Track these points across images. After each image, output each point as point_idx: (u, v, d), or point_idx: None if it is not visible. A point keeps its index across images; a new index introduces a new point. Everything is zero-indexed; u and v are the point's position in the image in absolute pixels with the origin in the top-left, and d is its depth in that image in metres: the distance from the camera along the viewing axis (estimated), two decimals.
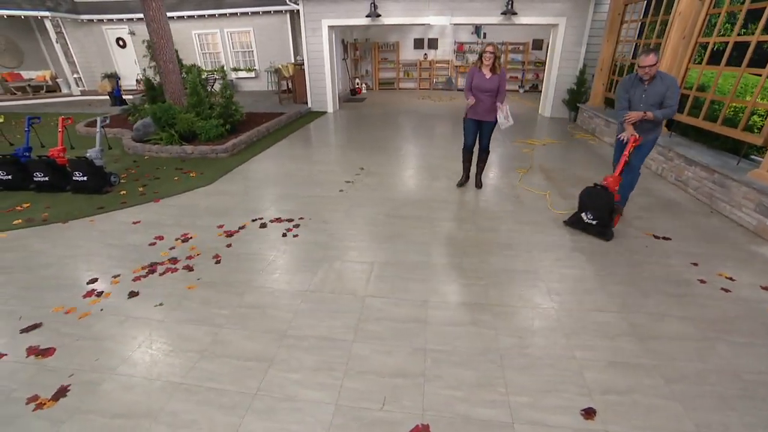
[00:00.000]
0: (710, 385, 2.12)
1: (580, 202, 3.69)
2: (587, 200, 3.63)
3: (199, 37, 13.00)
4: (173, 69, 6.39)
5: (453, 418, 1.91)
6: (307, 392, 2.07)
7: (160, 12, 6.11)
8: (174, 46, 6.51)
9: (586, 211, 3.63)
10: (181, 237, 3.68)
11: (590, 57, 8.45)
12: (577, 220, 3.73)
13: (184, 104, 6.57)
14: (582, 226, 3.69)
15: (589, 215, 3.61)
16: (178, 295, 2.84)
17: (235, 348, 2.37)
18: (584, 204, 3.65)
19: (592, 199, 3.60)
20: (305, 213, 4.16)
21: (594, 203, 3.59)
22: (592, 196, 3.60)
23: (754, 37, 4.14)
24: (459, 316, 2.61)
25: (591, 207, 3.61)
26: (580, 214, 3.68)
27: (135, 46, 13.12)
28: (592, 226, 3.62)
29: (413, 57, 13.76)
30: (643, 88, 3.64)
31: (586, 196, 3.64)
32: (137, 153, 6.22)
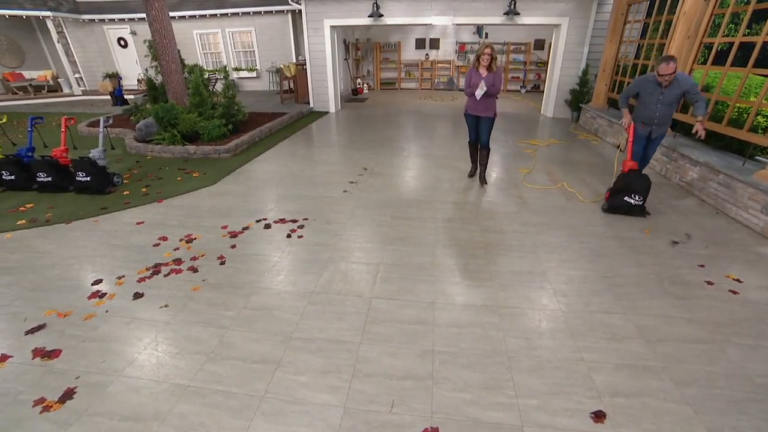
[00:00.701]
0: (720, 388, 2.11)
1: (625, 186, 3.96)
2: (636, 183, 3.92)
3: (201, 36, 12.98)
4: (176, 69, 6.38)
5: (462, 421, 1.90)
6: (315, 395, 2.06)
7: (163, 12, 6.10)
8: (176, 46, 6.50)
9: (634, 194, 3.93)
10: (185, 238, 3.67)
11: (593, 57, 8.44)
12: (618, 204, 4.03)
13: (187, 104, 6.55)
14: (625, 209, 4.01)
15: (637, 197, 3.92)
16: (183, 297, 2.83)
17: (242, 350, 2.36)
18: (631, 186, 3.93)
19: (635, 182, 3.92)
20: (309, 214, 4.15)
21: (642, 185, 3.91)
22: (633, 179, 3.94)
23: (759, 37, 4.13)
24: (466, 317, 2.60)
25: (639, 189, 3.91)
26: (624, 197, 3.97)
27: (136, 46, 13.11)
28: (637, 207, 3.97)
29: (415, 57, 13.75)
30: (661, 91, 3.84)
31: (634, 179, 3.93)
32: (140, 153, 6.21)
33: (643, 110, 4.06)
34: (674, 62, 3.65)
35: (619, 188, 4.00)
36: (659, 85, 3.81)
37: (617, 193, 4.02)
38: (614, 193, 4.04)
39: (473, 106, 4.61)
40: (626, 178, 3.96)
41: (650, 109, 3.99)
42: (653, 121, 4.03)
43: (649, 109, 4.00)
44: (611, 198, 4.08)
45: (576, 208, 4.29)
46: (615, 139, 6.85)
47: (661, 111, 3.94)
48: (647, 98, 3.96)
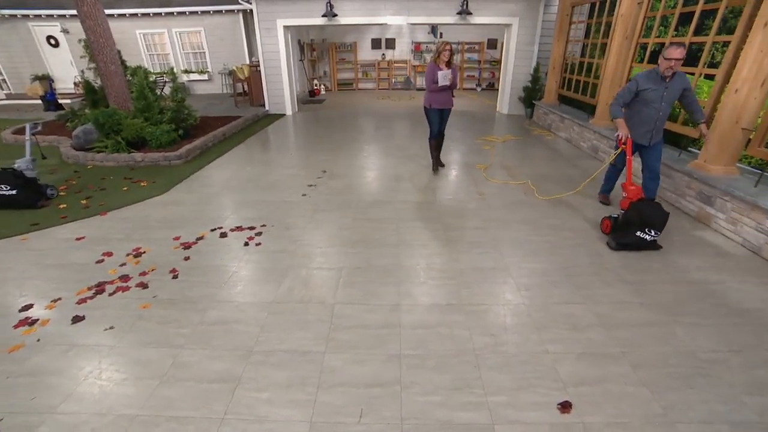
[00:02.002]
0: (672, 367, 2.22)
1: (640, 219, 3.28)
2: (652, 216, 3.27)
3: (145, 37, 12.21)
4: (116, 71, 5.93)
5: (433, 425, 1.86)
6: (279, 411, 1.95)
7: (96, 8, 5.61)
8: (115, 45, 6.05)
9: (648, 228, 3.28)
10: (132, 252, 3.41)
11: (543, 56, 8.77)
12: (630, 241, 3.35)
13: (131, 109, 6.12)
14: (638, 245, 3.35)
15: (652, 232, 3.29)
16: (131, 316, 2.61)
17: (198, 369, 2.20)
18: (647, 219, 3.28)
19: (656, 214, 3.27)
20: (267, 220, 3.99)
21: (660, 218, 3.27)
22: (654, 210, 3.28)
23: (686, 38, 4.44)
24: (432, 318, 2.57)
25: (657, 223, 3.28)
26: (637, 232, 3.30)
27: (70, 46, 12.03)
28: (651, 242, 3.34)
29: (371, 57, 13.72)
30: (665, 86, 3.44)
31: (649, 211, 3.28)
32: (78, 162, 5.73)
33: (645, 109, 3.56)
34: (684, 48, 3.26)
35: (630, 221, 3.32)
36: (663, 78, 3.43)
37: (627, 227, 3.34)
38: (623, 227, 3.38)
39: (440, 99, 4.88)
40: (638, 209, 3.29)
41: (653, 109, 3.53)
42: (655, 123, 3.57)
43: (651, 109, 3.54)
44: (619, 233, 3.42)
45: (533, 202, 4.41)
46: (567, 133, 7.15)
47: (665, 110, 3.53)
48: (650, 96, 3.49)
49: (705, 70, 4.34)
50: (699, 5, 4.26)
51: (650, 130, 3.63)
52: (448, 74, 4.66)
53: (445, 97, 4.93)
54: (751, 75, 3.48)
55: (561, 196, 4.51)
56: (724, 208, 3.69)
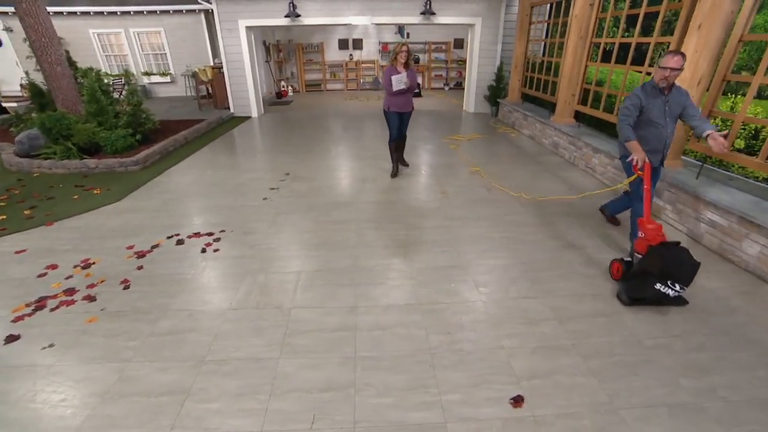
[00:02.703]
0: (618, 355, 2.30)
1: (661, 271, 2.54)
2: (678, 266, 2.54)
3: (99, 37, 11.63)
4: (63, 72, 5.61)
5: (385, 427, 1.85)
6: (229, 421, 1.90)
7: (36, 5, 5.26)
8: (62, 45, 5.73)
9: (673, 282, 2.55)
10: (80, 263, 3.24)
11: (506, 55, 8.94)
12: (647, 295, 2.64)
13: (82, 113, 5.84)
14: (656, 300, 2.64)
15: (676, 286, 2.55)
16: (74, 332, 2.48)
17: (146, 383, 2.11)
18: (671, 271, 2.54)
19: (683, 263, 2.56)
20: (227, 225, 3.88)
21: (689, 269, 2.56)
22: (680, 258, 2.57)
23: (633, 39, 4.64)
24: (388, 319, 2.57)
25: (684, 276, 2.56)
26: (657, 285, 2.56)
27: (15, 45, 11.29)
28: (676, 298, 2.62)
29: (339, 58, 13.64)
30: (664, 99, 2.93)
31: (674, 259, 2.55)
32: (23, 170, 5.40)
33: (651, 129, 3.01)
34: (683, 58, 2.79)
35: (648, 270, 2.61)
36: (660, 91, 2.92)
37: (645, 277, 2.63)
38: (640, 277, 2.68)
39: (399, 103, 4.79)
40: (660, 255, 2.55)
41: (658, 128, 2.98)
42: (664, 142, 3.02)
43: (656, 128, 2.98)
44: (634, 283, 2.72)
45: (496, 198, 4.48)
46: (530, 131, 7.32)
47: (671, 128, 3.00)
48: (653, 112, 2.95)
49: (651, 69, 4.53)
50: (643, 8, 4.45)
51: (660, 151, 3.08)
52: (403, 78, 4.55)
53: (404, 100, 4.84)
54: (688, 75, 3.65)
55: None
56: (671, 199, 3.86)
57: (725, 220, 3.28)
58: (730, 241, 3.24)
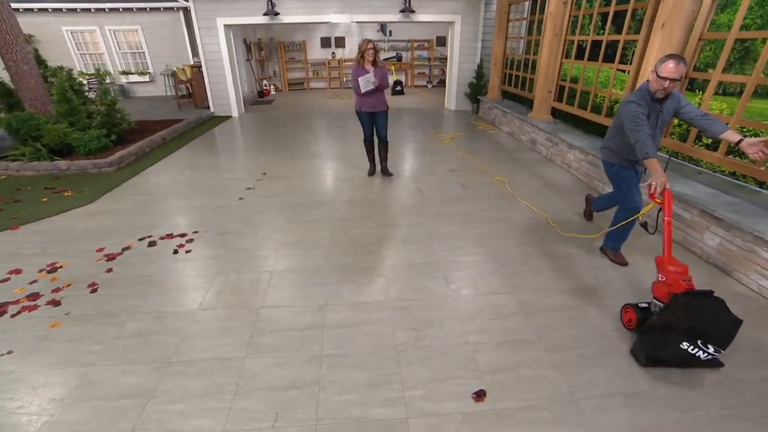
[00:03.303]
0: (583, 347, 2.34)
1: (689, 327, 2.03)
2: (707, 324, 2.03)
3: (73, 34, 11.33)
4: (30, 71, 5.46)
5: (347, 423, 1.87)
6: (192, 422, 1.89)
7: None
8: (32, 43, 5.58)
9: (705, 342, 2.03)
10: (46, 267, 3.18)
11: (486, 52, 9.02)
12: (670, 356, 2.14)
13: (52, 113, 5.70)
14: (682, 362, 2.14)
15: (710, 348, 2.04)
16: (35, 337, 2.43)
17: (108, 387, 2.09)
18: (701, 330, 2.03)
19: (716, 319, 2.03)
20: (200, 226, 3.85)
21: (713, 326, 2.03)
22: (712, 313, 2.04)
23: (604, 36, 4.72)
24: (357, 316, 2.58)
25: (715, 336, 2.04)
26: (683, 344, 2.06)
27: None
28: (710, 360, 2.10)
29: (321, 56, 13.57)
30: (659, 109, 2.66)
31: (704, 316, 2.03)
32: None
33: None
34: (685, 64, 2.43)
35: (671, 324, 2.08)
36: (655, 102, 2.63)
37: (667, 334, 2.10)
38: (661, 332, 2.13)
39: (368, 102, 4.61)
40: (687, 308, 2.04)
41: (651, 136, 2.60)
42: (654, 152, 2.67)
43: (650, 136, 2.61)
44: (653, 339, 2.17)
45: (471, 196, 4.52)
46: (509, 127, 7.39)
47: (659, 138, 2.78)
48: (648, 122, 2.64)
49: (620, 66, 4.63)
50: (612, 6, 4.54)
51: None
52: (371, 78, 4.34)
53: (375, 99, 4.63)
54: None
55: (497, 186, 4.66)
56: None
57: (688, 213, 3.37)
58: (693, 234, 3.33)
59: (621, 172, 2.98)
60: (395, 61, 13.43)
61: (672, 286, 2.21)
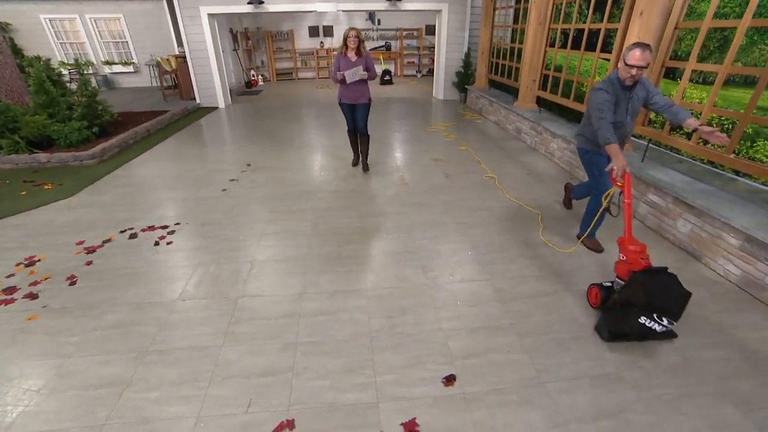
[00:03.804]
0: (554, 332, 2.40)
1: (647, 302, 2.18)
2: (664, 296, 2.19)
3: (52, 23, 11.03)
4: (5, 61, 5.34)
5: (319, 408, 1.91)
6: (167, 409, 1.93)
7: None
8: (4, 31, 5.46)
9: (660, 315, 2.20)
10: (24, 261, 3.17)
11: (474, 41, 8.97)
12: (630, 330, 2.28)
13: (30, 104, 5.60)
14: (641, 335, 2.30)
15: (664, 320, 2.20)
16: (11, 331, 2.44)
17: (85, 377, 2.11)
18: (656, 302, 2.18)
19: (670, 292, 2.19)
20: (182, 218, 3.85)
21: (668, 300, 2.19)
22: (666, 286, 2.20)
23: (586, 25, 4.73)
24: (333, 304, 2.62)
25: (672, 308, 2.20)
26: (641, 318, 2.21)
27: None
28: (665, 333, 2.29)
29: (309, 45, 13.40)
30: (629, 96, 2.72)
31: (660, 291, 2.18)
32: None
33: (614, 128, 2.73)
34: (650, 53, 2.51)
35: (631, 300, 2.24)
36: (625, 89, 2.70)
37: (627, 309, 2.25)
38: (622, 308, 2.28)
39: (348, 94, 4.49)
40: (644, 284, 2.19)
41: (621, 123, 2.78)
42: (623, 141, 2.87)
43: (619, 127, 2.77)
44: (614, 315, 2.33)
45: (454, 185, 4.55)
46: (496, 117, 7.41)
47: (630, 126, 2.85)
48: (616, 108, 2.73)
49: (602, 55, 4.65)
50: None
51: None
52: (359, 70, 4.22)
53: (356, 92, 4.45)
54: None
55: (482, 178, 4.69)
56: None
57: (663, 200, 3.44)
58: (667, 221, 3.40)
59: (594, 159, 3.06)
60: (384, 50, 13.33)
61: (632, 264, 2.35)
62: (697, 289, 2.74)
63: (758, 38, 11.37)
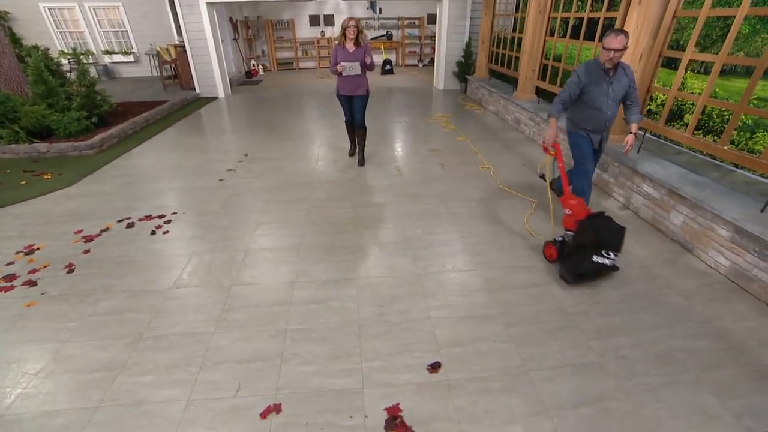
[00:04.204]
0: (542, 322, 2.44)
1: (596, 242, 2.67)
2: (608, 235, 2.71)
3: (51, 11, 10.97)
4: (3, 51, 5.35)
5: (305, 392, 1.97)
6: (159, 392, 1.99)
7: None
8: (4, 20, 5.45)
9: (607, 250, 2.66)
10: (24, 249, 3.23)
11: (475, 30, 8.87)
12: (587, 269, 2.69)
13: (29, 94, 5.63)
14: (595, 271, 2.72)
15: (611, 254, 2.68)
16: (11, 317, 2.50)
17: (81, 361, 2.17)
18: (603, 241, 2.68)
19: (612, 232, 2.71)
20: (179, 207, 3.89)
21: (617, 236, 2.72)
22: (609, 228, 2.73)
23: (585, 14, 4.68)
24: (325, 293, 2.66)
25: (614, 243, 2.70)
26: (593, 257, 2.66)
27: None
28: (612, 266, 2.74)
29: (310, 35, 13.28)
30: (609, 80, 2.91)
31: (604, 229, 2.71)
32: None
33: (590, 111, 3.03)
34: (625, 36, 2.73)
35: (584, 244, 2.72)
36: (606, 72, 2.90)
37: (582, 252, 2.70)
38: (576, 253, 2.75)
39: (345, 86, 4.47)
40: (592, 228, 2.70)
41: (600, 107, 2.97)
42: (604, 125, 3.05)
43: (598, 107, 2.98)
44: (572, 261, 2.74)
45: (450, 175, 4.56)
46: (495, 107, 7.37)
47: (612, 110, 3.00)
48: (594, 91, 2.93)
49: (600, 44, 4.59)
50: None
51: (599, 132, 3.12)
52: (356, 67, 4.21)
53: (353, 84, 4.44)
54: (630, 50, 3.73)
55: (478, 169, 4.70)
56: (614, 173, 4.01)
57: (657, 192, 3.44)
58: (661, 212, 3.41)
59: (578, 140, 3.23)
60: (385, 39, 13.21)
61: (577, 215, 2.81)
62: (686, 281, 2.80)
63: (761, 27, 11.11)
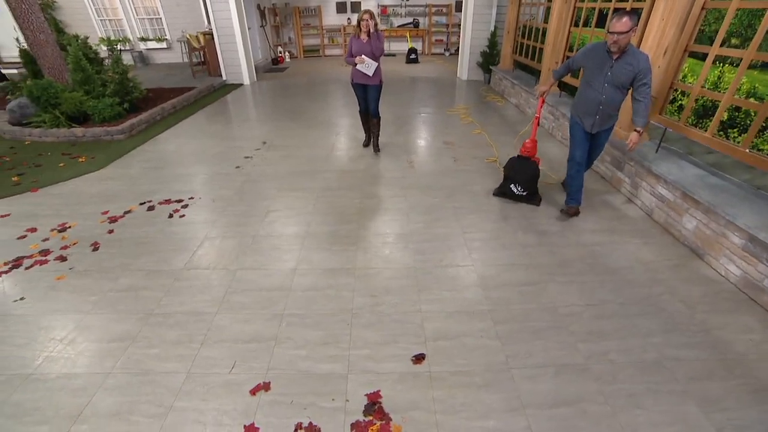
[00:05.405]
0: (531, 321, 2.46)
1: (506, 175, 3.77)
2: (514, 173, 3.71)
3: (93, 0, 11.57)
4: (47, 40, 5.69)
5: (293, 374, 2.10)
6: (163, 364, 2.18)
7: None
8: (51, 9, 5.77)
9: (515, 184, 3.71)
10: (58, 227, 3.52)
11: (501, 20, 8.64)
12: (505, 192, 3.80)
13: (69, 81, 6.00)
14: (512, 197, 3.78)
15: (518, 187, 3.70)
16: (44, 287, 2.78)
17: (99, 332, 2.40)
18: (511, 177, 3.72)
19: (518, 172, 3.68)
20: (197, 192, 4.10)
21: (520, 175, 3.67)
22: (516, 167, 3.70)
23: (611, 4, 4.48)
24: (323, 281, 2.78)
25: (519, 179, 3.68)
26: (509, 186, 3.74)
27: None
28: (522, 196, 3.73)
29: (337, 22, 13.27)
30: (610, 64, 2.91)
31: (511, 169, 3.72)
32: (16, 138, 5.66)
33: (585, 93, 3.14)
34: (630, 19, 2.70)
35: (506, 173, 3.78)
36: (609, 55, 2.91)
37: (506, 179, 3.79)
38: (504, 179, 3.80)
39: (359, 75, 4.55)
40: (511, 163, 3.74)
41: (594, 91, 3.06)
42: (597, 108, 3.09)
43: (592, 90, 3.07)
44: (500, 185, 3.87)
45: (461, 169, 4.56)
46: (517, 99, 7.22)
47: (608, 94, 3.01)
48: (591, 74, 3.01)
49: None
50: None
51: (592, 115, 3.16)
52: (372, 66, 4.36)
53: None
54: (655, 43, 3.59)
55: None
56: (630, 173, 3.89)
57: (671, 194, 3.33)
58: (674, 215, 3.30)
59: (571, 124, 3.40)
60: (412, 27, 13.04)
61: (521, 152, 3.73)
62: (692, 288, 2.73)
63: None
